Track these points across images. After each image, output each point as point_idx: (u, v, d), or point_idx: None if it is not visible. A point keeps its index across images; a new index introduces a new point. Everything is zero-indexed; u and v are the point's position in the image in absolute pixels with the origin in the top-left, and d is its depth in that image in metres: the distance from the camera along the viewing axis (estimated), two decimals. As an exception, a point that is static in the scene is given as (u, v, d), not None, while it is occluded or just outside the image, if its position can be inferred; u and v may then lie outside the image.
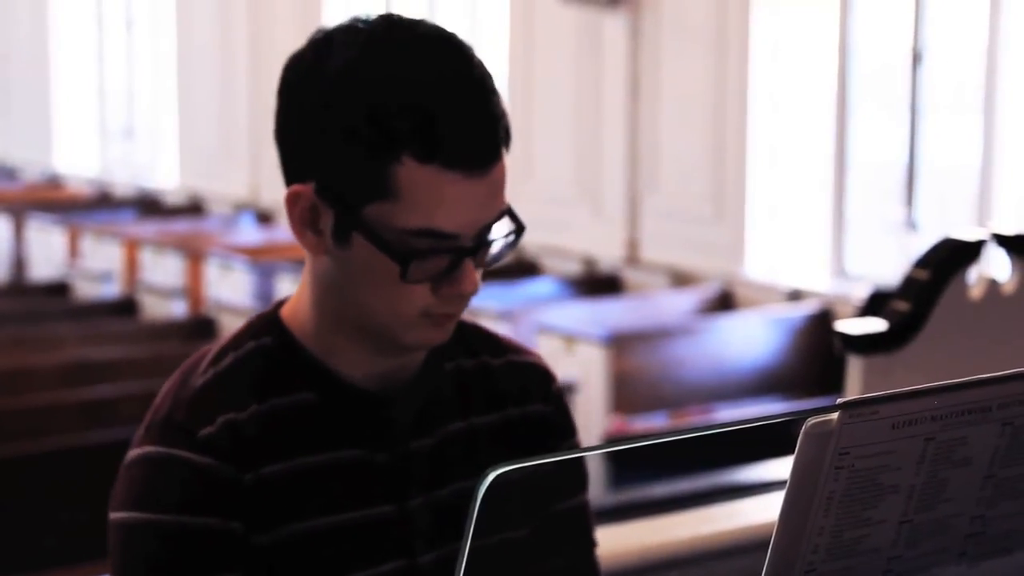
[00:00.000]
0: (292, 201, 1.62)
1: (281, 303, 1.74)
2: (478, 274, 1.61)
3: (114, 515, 1.64)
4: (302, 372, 1.67)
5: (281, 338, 1.69)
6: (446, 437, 1.73)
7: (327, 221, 1.60)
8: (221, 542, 1.60)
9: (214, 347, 1.72)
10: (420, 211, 1.55)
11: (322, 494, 1.64)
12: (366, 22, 1.61)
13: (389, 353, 1.68)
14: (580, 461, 1.86)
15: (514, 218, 1.63)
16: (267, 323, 1.71)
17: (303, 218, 1.62)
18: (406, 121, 1.54)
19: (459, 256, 1.59)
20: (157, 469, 1.62)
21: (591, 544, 1.86)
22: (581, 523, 1.85)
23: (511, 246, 1.65)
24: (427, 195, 1.55)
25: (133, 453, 1.65)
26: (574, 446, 1.85)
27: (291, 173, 1.63)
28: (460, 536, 1.68)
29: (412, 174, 1.54)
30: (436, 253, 1.57)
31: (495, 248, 1.64)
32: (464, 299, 1.63)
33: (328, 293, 1.66)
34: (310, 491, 1.64)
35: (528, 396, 1.81)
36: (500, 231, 1.63)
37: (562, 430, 1.84)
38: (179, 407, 1.65)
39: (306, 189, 1.61)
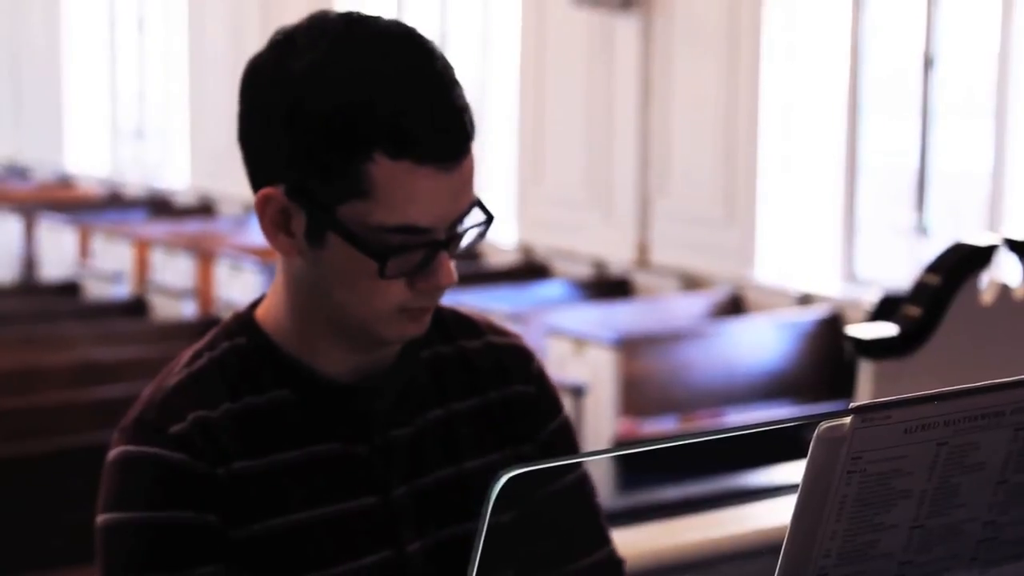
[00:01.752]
0: (263, 205, 1.62)
1: (255, 304, 1.74)
2: (452, 265, 1.63)
3: (97, 519, 1.65)
4: (277, 370, 1.68)
5: (255, 338, 1.70)
6: (425, 425, 1.73)
7: (299, 223, 1.61)
8: (198, 536, 1.61)
9: (189, 350, 1.73)
10: (395, 208, 1.56)
11: (301, 488, 1.65)
12: (326, 21, 1.61)
13: (366, 348, 1.68)
14: (567, 434, 1.84)
15: (483, 209, 1.65)
16: (241, 324, 1.72)
17: (275, 221, 1.62)
18: (375, 120, 1.54)
19: (434, 249, 1.60)
20: (129, 468, 1.63)
21: (595, 511, 1.85)
22: (582, 496, 1.83)
23: (481, 236, 1.66)
24: (401, 191, 1.56)
25: (109, 456, 1.66)
26: (563, 423, 1.84)
27: (259, 177, 1.64)
28: (445, 523, 1.70)
29: (385, 171, 1.55)
30: (412, 248, 1.58)
31: (466, 239, 1.65)
32: (440, 291, 1.64)
33: (303, 293, 1.66)
34: (288, 486, 1.64)
35: (508, 377, 1.81)
36: (471, 222, 1.64)
37: (547, 409, 1.83)
38: (151, 407, 1.66)
39: (276, 192, 1.61)
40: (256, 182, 1.64)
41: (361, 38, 1.59)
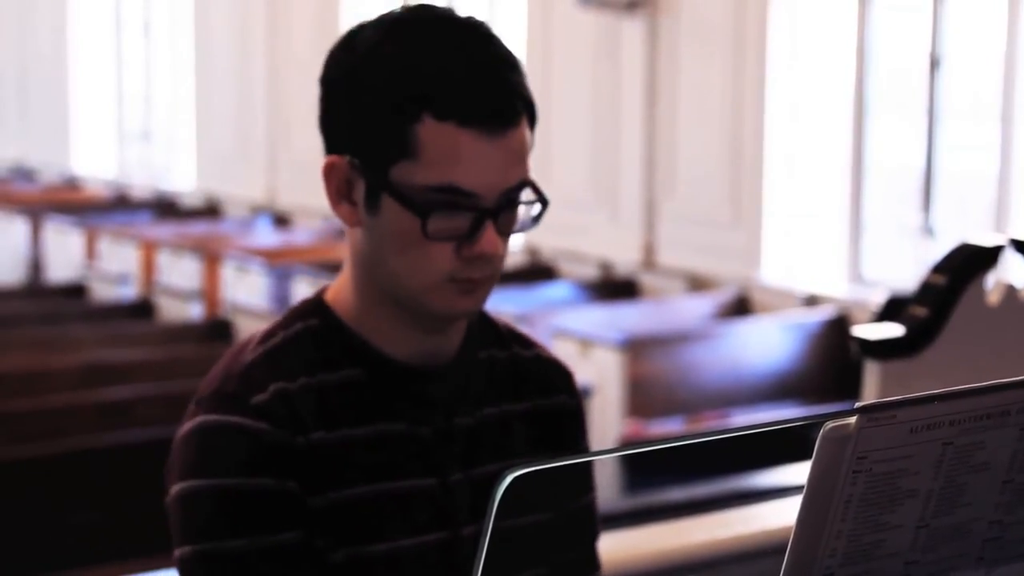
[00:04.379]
0: (328, 172, 1.71)
1: (325, 289, 1.80)
2: (502, 243, 1.68)
3: (172, 488, 1.68)
4: (348, 351, 1.74)
5: (327, 320, 1.75)
6: (485, 419, 1.79)
7: (359, 191, 1.68)
8: (280, 502, 1.65)
9: (262, 330, 1.78)
10: (439, 167, 1.63)
11: (369, 463, 1.70)
12: (395, 12, 1.70)
13: (426, 326, 1.73)
14: (590, 463, 1.93)
15: (537, 191, 1.70)
16: (313, 306, 1.78)
17: (339, 190, 1.70)
18: (424, 83, 1.63)
19: (480, 217, 1.65)
20: (212, 436, 1.67)
21: (594, 539, 1.92)
22: (591, 519, 1.91)
23: (535, 219, 1.72)
24: (445, 151, 1.63)
25: (186, 427, 1.69)
26: (588, 442, 1.92)
27: (328, 149, 1.72)
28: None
29: (431, 131, 1.63)
30: (456, 209, 1.64)
31: (519, 216, 1.70)
32: (487, 263, 1.68)
33: (363, 267, 1.73)
34: (357, 460, 1.69)
35: (554, 388, 1.88)
36: (522, 199, 1.69)
37: (582, 425, 1.92)
38: (230, 379, 1.70)
39: (340, 160, 1.69)
40: (327, 154, 1.72)
41: (424, 19, 1.68)
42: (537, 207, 1.71)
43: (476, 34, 1.67)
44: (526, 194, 1.69)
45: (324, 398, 1.70)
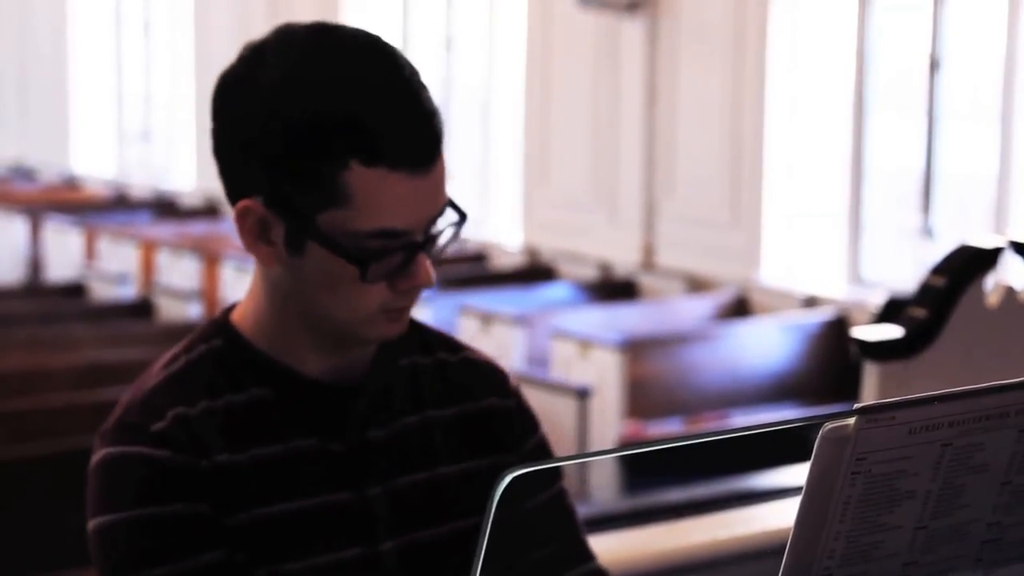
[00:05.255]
0: (242, 217, 1.66)
1: (230, 308, 1.78)
2: (430, 265, 1.66)
3: (88, 524, 1.68)
4: (255, 370, 1.71)
5: (232, 340, 1.73)
6: (401, 430, 1.76)
7: (279, 232, 1.64)
8: (193, 525, 1.63)
9: (166, 355, 1.76)
10: (373, 213, 1.60)
11: (279, 482, 1.68)
12: (293, 33, 1.66)
13: (344, 348, 1.72)
14: (545, 451, 1.88)
15: (456, 208, 1.68)
16: (217, 328, 1.75)
17: (253, 232, 1.66)
18: (349, 129, 1.58)
19: (412, 251, 1.63)
20: (115, 468, 1.66)
21: (576, 528, 1.87)
22: (563, 512, 1.86)
23: (456, 235, 1.70)
24: (378, 197, 1.60)
25: (92, 461, 1.69)
26: (541, 440, 1.87)
27: (236, 189, 1.67)
28: (418, 527, 1.74)
29: (360, 178, 1.59)
30: (391, 252, 1.62)
31: (442, 239, 1.69)
32: (419, 291, 1.68)
33: (282, 298, 1.70)
34: (267, 479, 1.68)
35: (485, 390, 1.84)
36: (445, 222, 1.68)
37: (526, 425, 1.87)
38: (131, 410, 1.69)
39: (255, 204, 1.64)
40: (233, 195, 1.67)
41: (328, 48, 1.63)
42: (454, 227, 1.69)
43: (385, 61, 1.62)
44: (449, 215, 1.68)
45: (230, 419, 1.68)
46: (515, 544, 1.78)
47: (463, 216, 1.69)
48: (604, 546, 1.96)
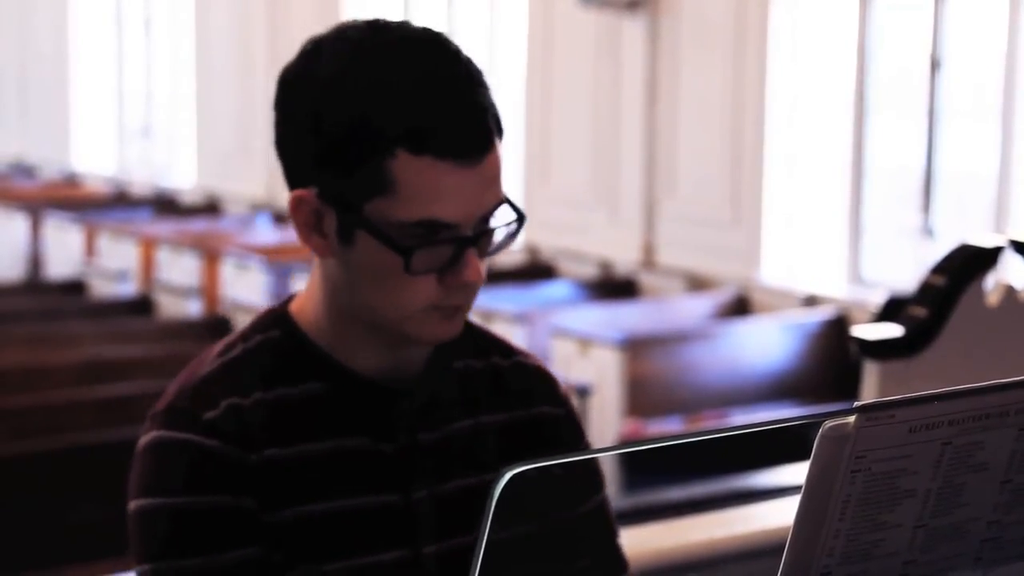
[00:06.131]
0: (296, 206, 1.66)
1: (290, 299, 1.77)
2: (482, 264, 1.65)
3: (130, 504, 1.67)
4: (310, 364, 1.71)
5: (289, 332, 1.73)
6: (452, 433, 1.75)
7: (330, 223, 1.64)
8: (234, 519, 1.63)
9: (222, 341, 1.76)
10: (417, 202, 1.59)
11: (327, 479, 1.67)
12: (351, 29, 1.65)
13: (398, 347, 1.71)
14: (595, 463, 1.87)
15: (514, 208, 1.67)
16: (276, 318, 1.75)
17: (307, 222, 1.66)
18: (397, 116, 1.59)
19: (460, 246, 1.62)
20: (164, 453, 1.65)
21: (613, 538, 1.87)
22: (601, 522, 1.86)
23: (512, 236, 1.69)
24: (423, 186, 1.59)
25: (141, 441, 1.68)
26: (585, 447, 1.87)
27: (293, 180, 1.68)
28: (463, 532, 1.72)
29: (407, 167, 1.59)
30: (437, 243, 1.61)
31: (496, 237, 1.67)
32: (470, 289, 1.66)
33: (337, 292, 1.69)
34: (314, 476, 1.67)
35: (535, 398, 1.83)
36: (500, 220, 1.67)
37: (575, 433, 1.86)
38: (184, 394, 1.68)
39: (308, 194, 1.65)
40: (291, 185, 1.68)
41: (385, 42, 1.63)
42: (514, 225, 1.68)
43: (441, 56, 1.63)
44: (502, 213, 1.67)
45: (281, 413, 1.68)
46: (560, 551, 1.78)
47: (521, 217, 1.67)
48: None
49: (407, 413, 1.72)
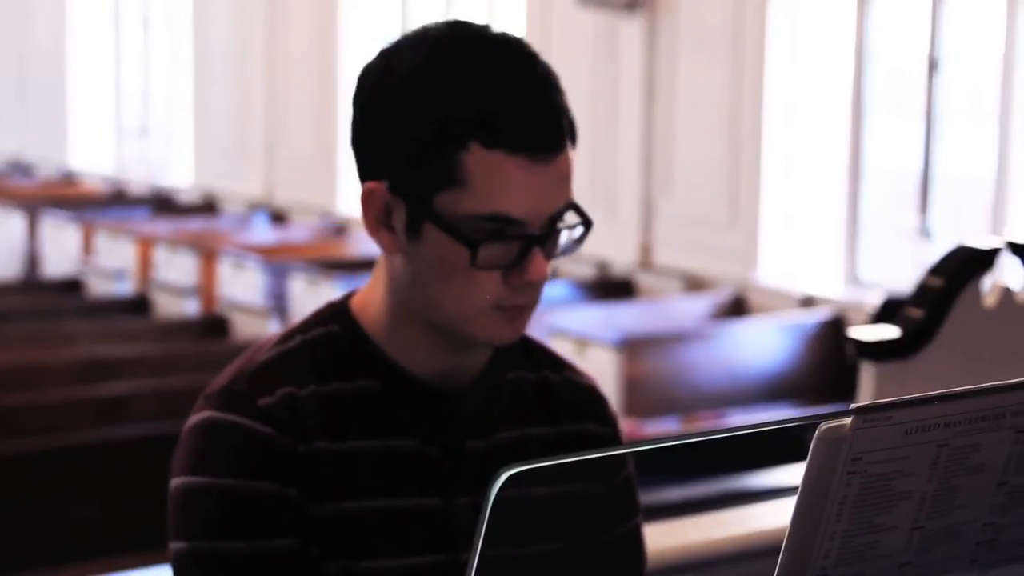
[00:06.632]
0: (367, 199, 1.67)
1: (352, 294, 1.77)
2: (547, 265, 1.65)
3: (173, 480, 1.67)
4: (366, 361, 1.71)
5: (348, 327, 1.73)
6: (500, 443, 1.75)
7: (399, 217, 1.65)
8: (278, 507, 1.63)
9: (281, 330, 1.77)
10: (487, 196, 1.60)
11: (371, 477, 1.68)
12: (434, 28, 1.67)
13: (459, 349, 1.71)
14: (633, 485, 1.87)
15: (582, 213, 1.67)
16: (336, 312, 1.75)
17: (377, 216, 1.67)
18: (471, 110, 1.60)
19: (527, 243, 1.62)
20: (215, 434, 1.66)
21: (640, 564, 1.89)
22: (634, 546, 1.87)
23: (579, 240, 1.69)
24: (493, 180, 1.60)
25: (192, 420, 1.69)
26: (631, 473, 1.86)
27: (365, 173, 1.69)
28: None
29: (478, 160, 1.60)
30: (504, 238, 1.61)
31: (562, 239, 1.67)
32: (534, 289, 1.66)
33: (401, 290, 1.69)
34: (360, 473, 1.67)
35: (584, 414, 1.83)
36: (567, 223, 1.67)
37: (621, 455, 1.85)
38: (240, 378, 1.69)
39: (379, 186, 1.65)
40: (363, 179, 1.69)
41: (464, 39, 1.65)
42: (580, 229, 1.67)
43: (519, 55, 1.66)
44: (570, 216, 1.66)
45: (334, 407, 1.68)
46: (602, 520, 1.79)
47: (588, 222, 1.67)
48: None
49: (457, 419, 1.72)
